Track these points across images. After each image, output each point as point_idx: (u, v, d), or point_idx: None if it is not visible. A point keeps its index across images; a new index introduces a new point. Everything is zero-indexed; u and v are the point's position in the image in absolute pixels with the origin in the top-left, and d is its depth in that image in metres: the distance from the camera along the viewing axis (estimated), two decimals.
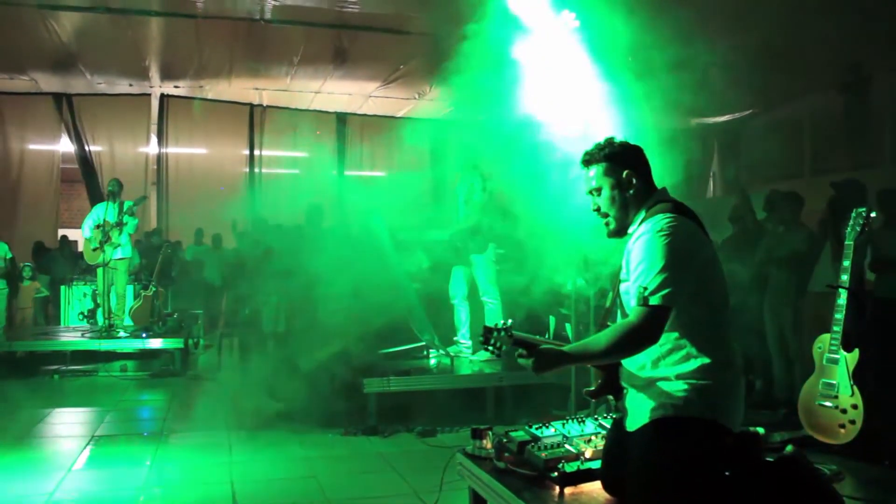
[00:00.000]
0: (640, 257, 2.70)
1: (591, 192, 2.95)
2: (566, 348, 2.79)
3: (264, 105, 14.31)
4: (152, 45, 11.24)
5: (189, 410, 7.07)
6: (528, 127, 5.96)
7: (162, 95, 13.77)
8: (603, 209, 2.91)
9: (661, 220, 2.71)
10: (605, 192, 2.89)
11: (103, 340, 8.76)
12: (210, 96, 13.88)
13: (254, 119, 14.40)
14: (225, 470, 4.90)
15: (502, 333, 2.82)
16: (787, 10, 8.26)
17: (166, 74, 12.74)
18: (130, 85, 13.38)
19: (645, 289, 2.64)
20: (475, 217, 6.68)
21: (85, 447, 5.45)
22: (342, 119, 14.79)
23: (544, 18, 6.33)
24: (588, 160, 2.95)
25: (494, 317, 6.82)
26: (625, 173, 2.87)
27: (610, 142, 2.94)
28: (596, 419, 4.10)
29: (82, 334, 9.09)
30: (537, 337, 2.90)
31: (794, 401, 5.17)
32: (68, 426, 6.42)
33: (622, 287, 2.87)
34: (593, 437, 3.78)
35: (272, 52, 11.20)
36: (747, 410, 2.93)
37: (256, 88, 13.41)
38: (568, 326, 7.03)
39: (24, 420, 6.36)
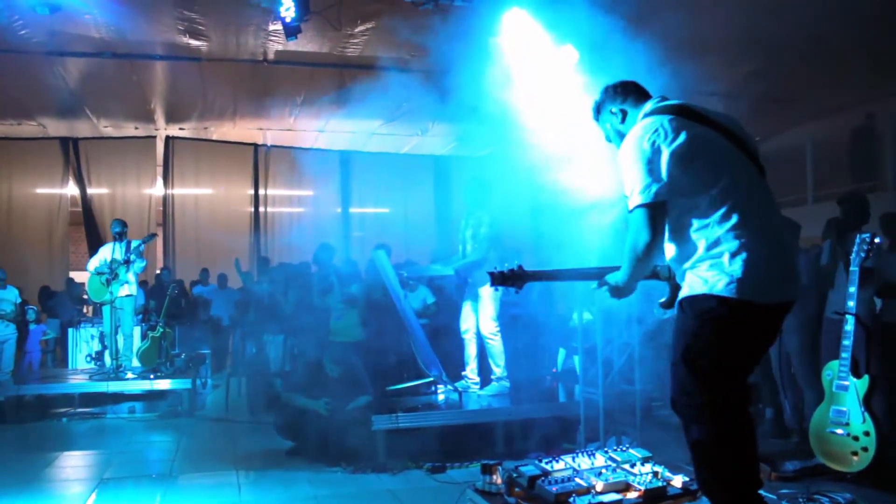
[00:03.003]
0: (620, 172, 2.98)
1: (608, 142, 3.31)
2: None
3: (268, 145, 14.44)
4: (157, 88, 11.40)
5: (198, 451, 7.04)
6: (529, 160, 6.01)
7: (167, 137, 13.91)
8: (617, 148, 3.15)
9: (632, 130, 2.99)
10: (609, 134, 3.26)
11: (111, 382, 8.74)
12: (215, 137, 14.02)
13: (258, 159, 14.52)
14: None
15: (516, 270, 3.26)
16: (792, 38, 8.36)
17: (171, 117, 12.89)
18: (136, 128, 13.53)
19: (627, 197, 2.91)
20: (482, 251, 6.68)
21: (93, 490, 5.42)
22: (346, 157, 14.91)
23: (545, 52, 6.41)
24: (594, 118, 3.34)
25: (496, 353, 6.79)
26: (612, 110, 3.21)
27: (599, 92, 3.29)
28: (606, 451, 4.09)
29: (90, 377, 9.06)
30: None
31: (804, 429, 5.15)
32: (77, 469, 6.39)
33: None
34: (604, 471, 3.77)
35: (276, 92, 11.34)
36: (758, 439, 2.93)
37: (260, 129, 13.55)
38: (576, 359, 7.01)
39: (32, 464, 6.33)
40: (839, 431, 4.62)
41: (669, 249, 3.02)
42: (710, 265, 2.84)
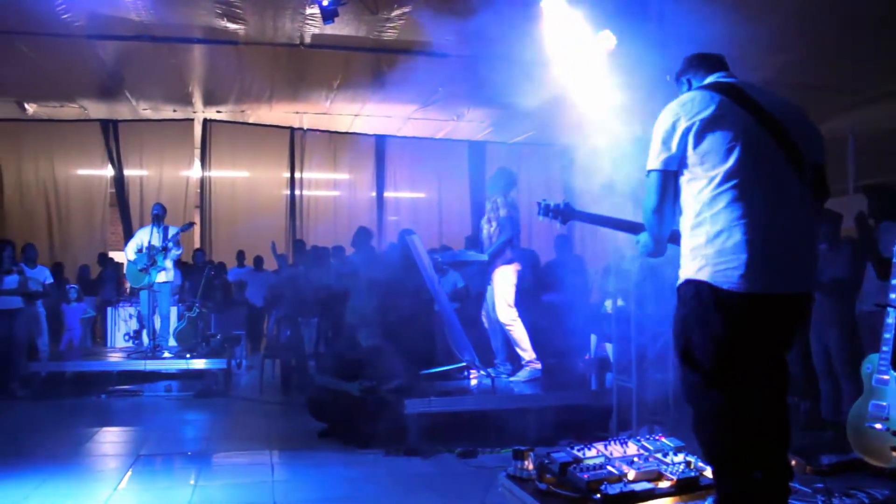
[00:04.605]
0: None
1: None
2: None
3: (305, 129, 14.51)
4: (195, 71, 11.51)
5: (232, 430, 7.15)
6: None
7: (205, 120, 14.04)
8: None
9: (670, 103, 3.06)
10: None
11: (148, 361, 8.90)
12: (252, 120, 14.12)
13: (294, 142, 14.60)
14: (267, 489, 4.93)
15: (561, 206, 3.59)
16: (832, 24, 8.18)
17: (209, 100, 13.01)
18: (174, 111, 13.68)
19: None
20: (507, 233, 6.66)
21: (131, 465, 5.54)
22: (381, 141, 14.94)
23: (582, 38, 6.35)
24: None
25: (519, 338, 6.74)
26: (682, 80, 3.29)
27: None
28: (639, 440, 4.07)
29: (128, 355, 9.25)
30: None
31: (841, 422, 5.08)
32: (115, 445, 6.53)
33: None
34: (636, 459, 3.75)
35: (312, 76, 11.39)
36: (794, 432, 2.90)
37: (297, 112, 13.61)
38: (608, 346, 6.98)
39: (73, 438, 6.49)
40: (878, 426, 4.55)
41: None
42: (691, 247, 2.90)
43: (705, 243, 2.84)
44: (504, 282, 6.68)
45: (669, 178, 2.96)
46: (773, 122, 2.90)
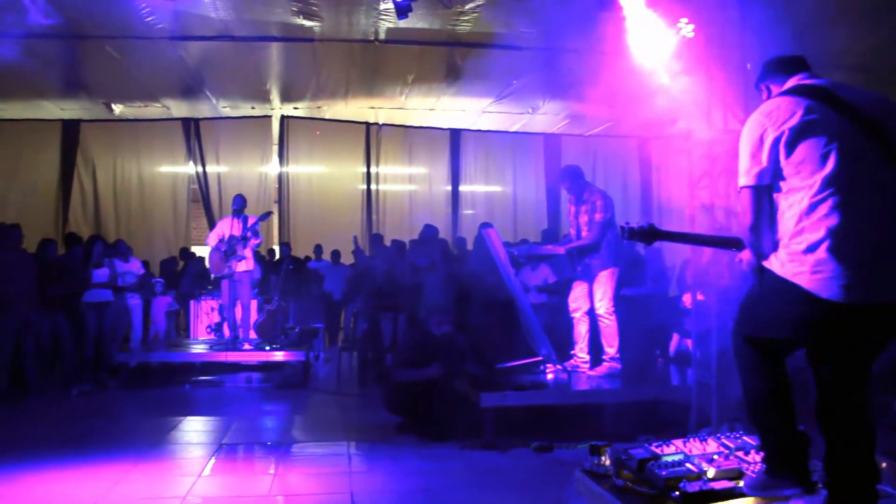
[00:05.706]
0: None
1: None
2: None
3: (380, 123, 14.63)
4: (273, 69, 11.72)
5: (310, 421, 7.28)
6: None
7: (282, 117, 14.30)
8: None
9: (754, 112, 2.97)
10: None
11: (229, 353, 9.13)
12: (328, 116, 14.31)
13: (370, 137, 14.74)
14: (345, 480, 5.01)
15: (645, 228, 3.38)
16: None
17: (286, 96, 13.23)
18: (253, 108, 13.97)
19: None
20: (597, 235, 6.58)
21: (213, 454, 5.69)
22: (456, 135, 14.94)
23: (661, 27, 6.21)
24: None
25: (610, 333, 6.68)
26: (762, 86, 3.16)
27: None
28: (719, 437, 3.97)
29: (210, 347, 9.51)
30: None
31: None
32: (198, 434, 6.73)
33: None
34: (716, 457, 3.66)
35: (387, 71, 11.47)
36: (886, 434, 2.79)
37: (372, 107, 13.73)
38: (689, 342, 6.83)
39: (159, 426, 6.72)
40: None
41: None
42: (790, 251, 2.79)
43: (804, 251, 2.74)
44: (611, 279, 6.68)
45: (763, 193, 2.87)
46: (867, 120, 2.76)
